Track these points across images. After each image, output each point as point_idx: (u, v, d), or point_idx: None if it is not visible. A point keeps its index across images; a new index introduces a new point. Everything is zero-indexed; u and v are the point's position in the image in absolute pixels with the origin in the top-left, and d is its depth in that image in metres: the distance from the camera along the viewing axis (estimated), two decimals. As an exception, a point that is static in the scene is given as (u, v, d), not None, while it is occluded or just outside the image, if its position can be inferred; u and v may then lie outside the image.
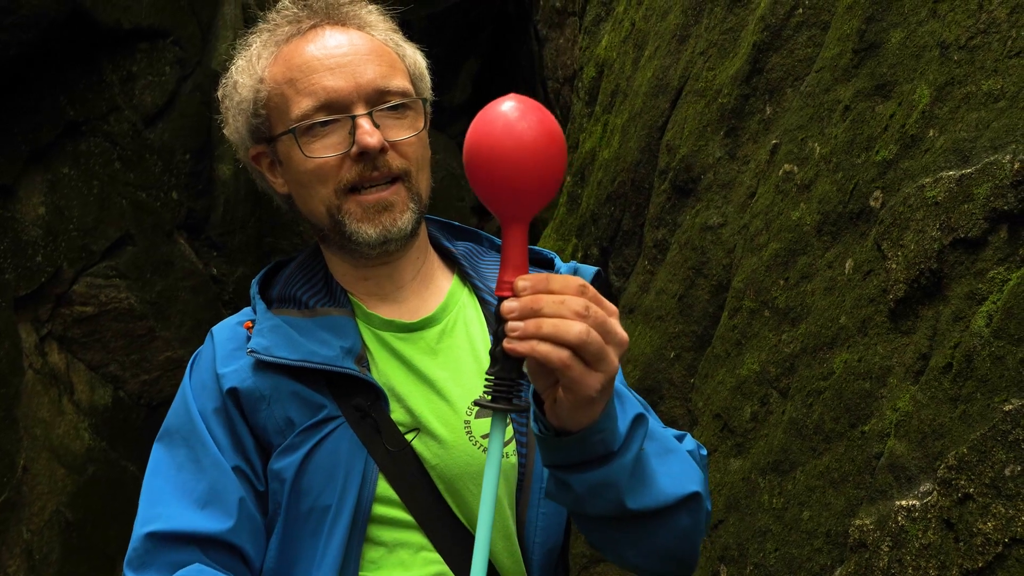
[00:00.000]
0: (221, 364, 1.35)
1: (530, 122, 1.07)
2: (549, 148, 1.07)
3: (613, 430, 1.11)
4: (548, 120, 1.09)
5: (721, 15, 2.76)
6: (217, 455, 1.30)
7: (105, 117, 4.79)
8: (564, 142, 1.11)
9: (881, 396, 1.80)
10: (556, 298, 0.99)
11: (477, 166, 1.08)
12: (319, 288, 1.43)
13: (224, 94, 1.44)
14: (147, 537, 1.25)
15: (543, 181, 1.07)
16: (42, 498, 4.49)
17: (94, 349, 4.79)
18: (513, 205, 1.08)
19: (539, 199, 1.08)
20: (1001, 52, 1.60)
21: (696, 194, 2.79)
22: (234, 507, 1.27)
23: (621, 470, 1.13)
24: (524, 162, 1.05)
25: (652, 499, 1.19)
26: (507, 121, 1.07)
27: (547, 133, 1.07)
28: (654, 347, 2.89)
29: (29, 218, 4.58)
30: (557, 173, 1.08)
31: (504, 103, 1.10)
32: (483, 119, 1.10)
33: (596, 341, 0.99)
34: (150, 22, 4.84)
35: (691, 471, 1.28)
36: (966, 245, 1.62)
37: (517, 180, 1.06)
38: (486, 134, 1.08)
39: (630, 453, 1.14)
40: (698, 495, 1.26)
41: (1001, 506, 1.44)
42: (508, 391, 1.02)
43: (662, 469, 1.23)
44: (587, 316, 0.99)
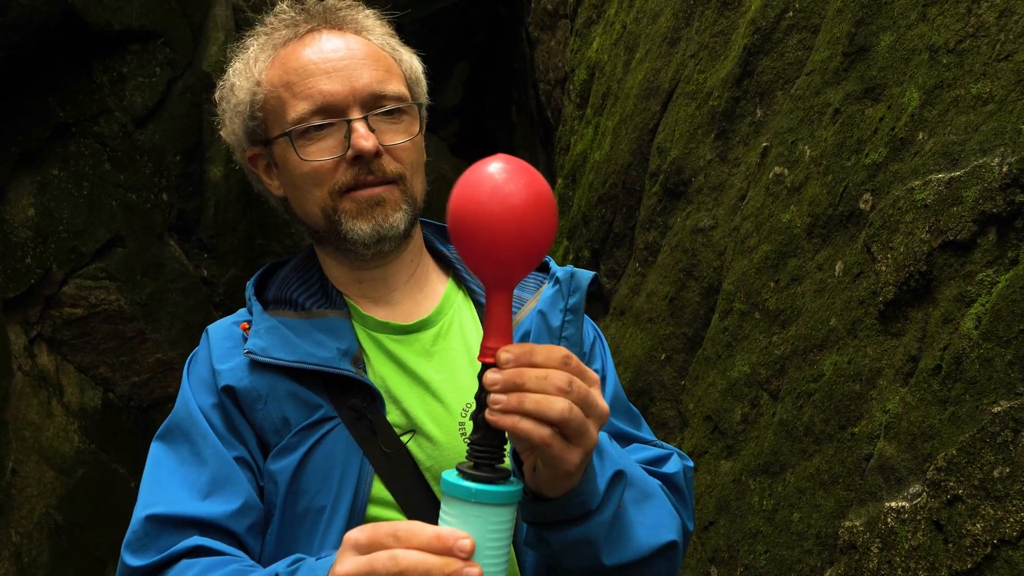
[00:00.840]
0: (218, 361, 1.36)
1: (518, 186, 1.02)
2: (538, 214, 1.02)
3: (592, 491, 1.12)
4: (537, 183, 1.04)
5: (712, 18, 2.77)
6: (218, 446, 1.31)
7: (95, 118, 4.78)
8: (554, 206, 1.05)
9: (871, 398, 1.80)
10: (540, 373, 0.97)
11: (461, 231, 1.02)
12: (315, 290, 1.44)
13: (221, 96, 1.45)
14: (147, 520, 1.26)
15: (531, 249, 1.03)
16: (31, 500, 4.47)
17: (84, 351, 4.77)
18: (498, 272, 1.04)
19: (526, 267, 1.04)
20: (990, 55, 1.61)
21: (687, 196, 2.79)
22: (236, 495, 1.28)
23: (599, 528, 1.14)
24: (511, 229, 1.00)
25: (629, 553, 1.20)
26: (494, 184, 1.02)
27: (536, 198, 1.02)
28: (645, 349, 2.89)
29: (18, 220, 4.56)
30: (546, 240, 1.04)
31: (491, 164, 1.04)
32: (468, 181, 1.04)
33: (578, 417, 0.98)
34: (141, 23, 4.83)
35: (668, 518, 1.29)
36: (955, 248, 1.62)
37: (503, 248, 1.01)
38: (471, 197, 1.02)
39: (608, 511, 1.15)
40: (675, 544, 1.27)
41: (990, 507, 1.45)
42: (491, 457, 1.01)
43: (639, 519, 1.23)
44: (570, 392, 0.97)
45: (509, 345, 1.00)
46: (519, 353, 0.99)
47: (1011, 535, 1.41)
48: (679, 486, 1.38)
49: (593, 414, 1.00)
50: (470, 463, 1.01)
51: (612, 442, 1.29)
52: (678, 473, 1.39)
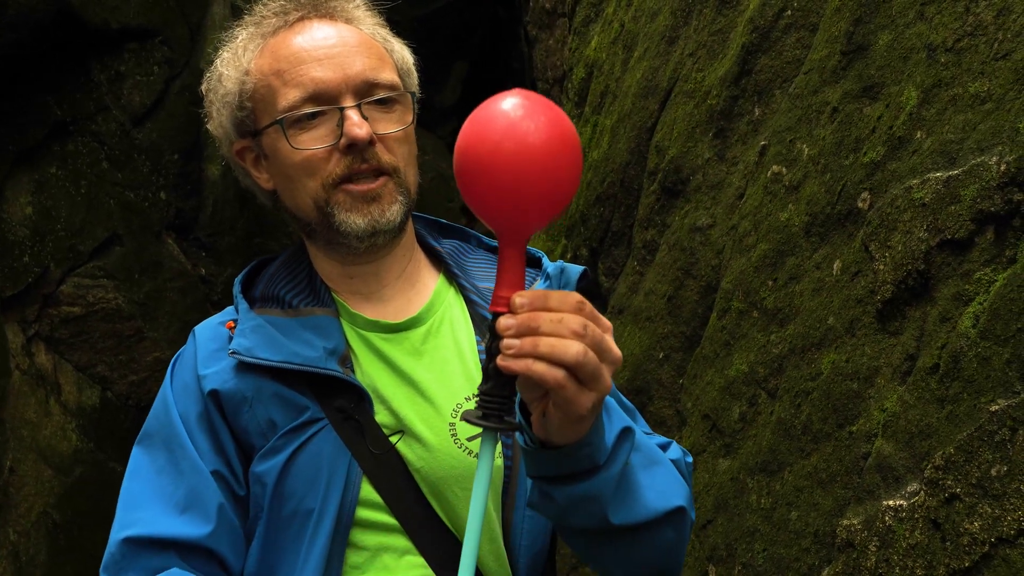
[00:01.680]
0: (202, 365, 1.34)
1: (537, 123, 0.92)
2: (561, 153, 0.93)
3: (600, 444, 1.10)
4: (559, 119, 0.94)
5: (710, 17, 2.77)
6: (196, 459, 1.27)
7: (93, 117, 4.77)
8: (579, 145, 0.96)
9: (869, 397, 1.80)
10: (554, 316, 0.95)
11: (471, 174, 0.94)
12: (303, 287, 1.41)
13: (208, 87, 1.42)
14: (124, 542, 1.23)
15: (553, 193, 0.94)
16: (29, 500, 4.47)
17: (82, 350, 4.77)
18: (515, 221, 0.96)
19: (548, 214, 0.96)
20: (988, 54, 1.61)
21: (685, 195, 2.79)
22: (213, 512, 1.25)
23: (606, 484, 1.12)
24: (530, 170, 0.91)
25: (637, 514, 1.18)
26: (509, 121, 0.92)
27: (559, 135, 0.93)
28: (643, 348, 2.89)
29: (16, 218, 4.55)
30: (570, 182, 0.95)
31: (506, 99, 0.94)
32: (480, 118, 0.95)
33: (592, 361, 0.96)
34: (139, 22, 4.82)
35: (676, 484, 1.27)
36: (953, 246, 1.62)
37: (522, 192, 0.92)
38: (483, 136, 0.93)
39: (616, 467, 1.13)
40: (683, 509, 1.25)
41: (987, 506, 1.45)
42: (500, 408, 0.99)
43: (647, 482, 1.21)
44: (584, 335, 0.95)
45: (523, 291, 0.97)
46: (533, 297, 0.96)
47: (1009, 533, 1.41)
48: (682, 471, 1.36)
49: (607, 359, 0.99)
50: (478, 413, 0.99)
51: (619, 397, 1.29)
52: (679, 460, 1.37)
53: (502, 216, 0.96)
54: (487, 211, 0.97)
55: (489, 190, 0.94)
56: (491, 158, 0.92)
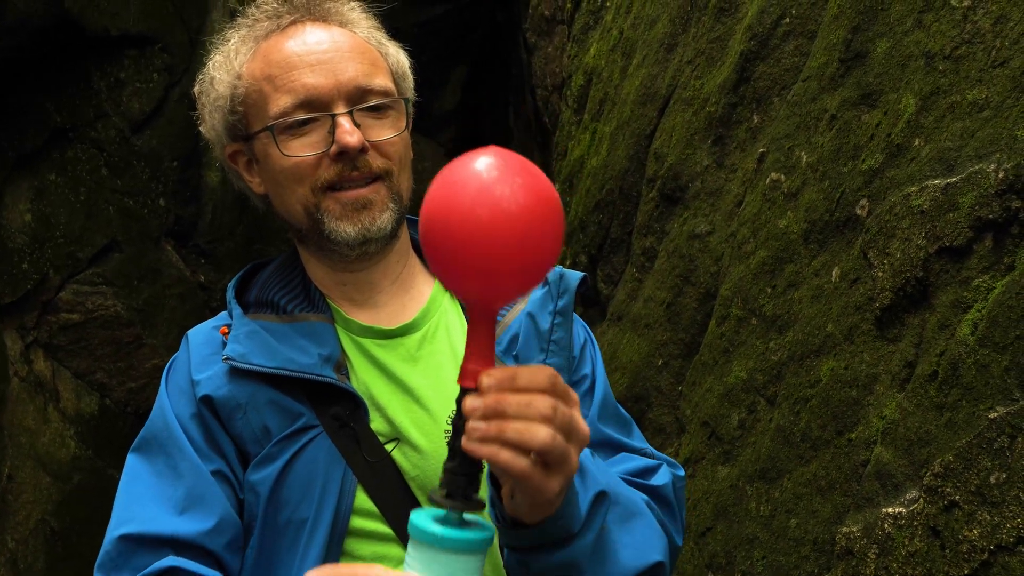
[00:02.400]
0: (196, 370, 1.31)
1: (513, 186, 0.82)
2: (541, 222, 0.84)
3: (573, 514, 1.07)
4: (538, 183, 0.85)
5: (708, 24, 2.77)
6: (195, 460, 1.26)
7: (92, 124, 4.78)
8: (560, 211, 0.87)
9: (868, 404, 1.80)
10: (522, 399, 0.89)
11: (438, 243, 0.84)
12: (297, 292, 1.39)
13: (201, 90, 1.40)
14: (120, 539, 1.22)
15: (530, 266, 0.86)
16: (27, 507, 4.46)
17: (80, 357, 4.76)
18: (485, 293, 0.88)
19: (523, 288, 0.89)
20: (986, 62, 1.62)
21: (684, 202, 2.79)
22: (212, 511, 1.24)
23: (581, 552, 1.09)
24: (506, 241, 0.82)
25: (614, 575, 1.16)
26: (482, 184, 0.83)
27: (538, 201, 0.84)
28: (642, 355, 2.89)
29: (15, 225, 4.56)
30: (550, 255, 0.87)
31: (478, 159, 0.84)
32: (449, 180, 0.84)
33: (560, 446, 0.91)
34: (138, 29, 4.83)
35: (654, 537, 1.25)
36: (951, 254, 1.63)
37: (496, 265, 0.84)
38: (452, 201, 0.83)
39: (591, 534, 1.11)
40: (661, 564, 1.23)
41: (987, 513, 1.45)
42: (466, 486, 0.93)
43: (624, 540, 1.19)
44: (553, 418, 0.90)
45: (491, 369, 0.91)
46: (501, 377, 0.90)
47: (1008, 541, 1.40)
48: (667, 499, 1.33)
49: (575, 439, 0.95)
50: (443, 492, 0.94)
51: (595, 459, 1.24)
52: (667, 485, 1.34)
53: (474, 289, 0.89)
54: (456, 283, 0.90)
55: (459, 261, 0.85)
56: (458, 229, 0.83)
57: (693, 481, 2.46)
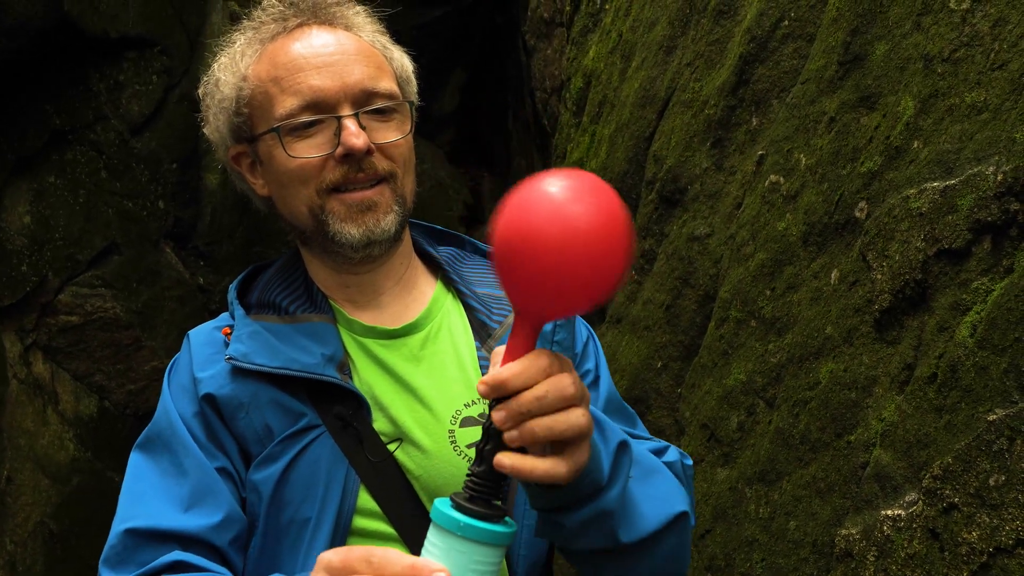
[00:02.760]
0: (198, 369, 1.32)
1: (586, 206, 0.89)
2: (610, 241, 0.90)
3: (598, 468, 1.09)
4: (611, 202, 0.91)
5: (707, 27, 2.78)
6: (200, 457, 1.26)
7: (92, 126, 4.78)
8: (630, 231, 0.93)
9: (867, 406, 1.80)
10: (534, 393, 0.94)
11: (511, 260, 0.90)
12: (299, 293, 1.39)
13: (205, 92, 1.41)
14: (125, 534, 1.22)
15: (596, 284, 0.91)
16: (26, 509, 4.46)
17: (79, 359, 4.76)
18: (549, 308, 0.94)
19: (589, 304, 0.94)
20: (984, 65, 1.62)
21: (683, 204, 2.79)
22: (218, 508, 1.24)
23: (612, 501, 1.11)
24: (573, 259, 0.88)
25: (643, 528, 1.17)
26: (554, 204, 0.89)
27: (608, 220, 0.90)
28: (641, 357, 2.89)
29: (14, 227, 4.56)
30: (616, 274, 0.92)
31: (551, 181, 0.91)
32: (522, 200, 0.91)
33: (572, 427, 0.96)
34: (138, 31, 4.83)
35: (675, 490, 1.27)
36: (950, 256, 1.63)
37: (563, 282, 0.89)
38: (524, 220, 0.89)
39: (619, 483, 1.13)
40: (685, 514, 1.25)
41: (986, 516, 1.45)
42: (489, 492, 0.97)
43: (647, 493, 1.21)
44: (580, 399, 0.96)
45: (485, 376, 0.96)
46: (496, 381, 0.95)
47: (1007, 543, 1.41)
48: (678, 475, 1.35)
49: (586, 402, 0.99)
50: (465, 495, 0.96)
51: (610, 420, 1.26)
52: (676, 463, 1.36)
53: (537, 302, 0.94)
54: (523, 297, 0.95)
55: (528, 276, 0.91)
56: (529, 246, 0.89)
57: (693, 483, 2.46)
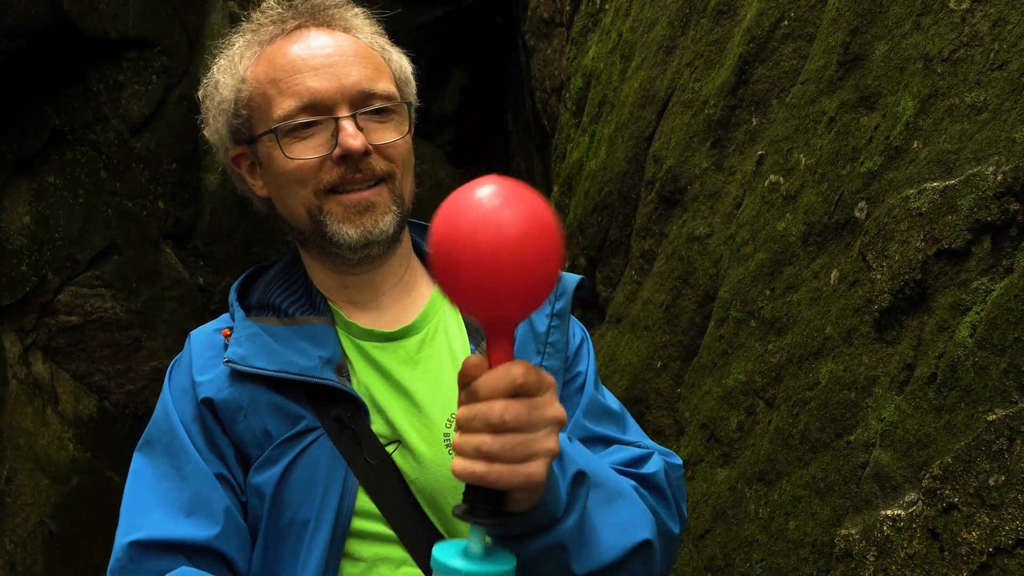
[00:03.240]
0: (198, 372, 1.32)
1: (514, 212, 0.90)
2: (538, 245, 0.91)
3: (554, 499, 1.09)
4: (536, 208, 0.92)
5: (707, 27, 2.78)
6: (200, 463, 1.27)
7: (91, 126, 4.78)
8: (558, 235, 0.94)
9: (866, 406, 1.80)
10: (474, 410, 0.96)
11: (445, 266, 0.92)
12: (299, 295, 1.40)
13: (205, 94, 1.41)
14: (130, 546, 1.22)
15: (530, 286, 0.93)
16: (26, 509, 4.46)
17: (79, 359, 4.76)
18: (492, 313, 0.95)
19: (526, 307, 0.96)
20: (984, 65, 1.62)
21: (683, 204, 2.79)
22: (219, 514, 1.24)
23: (566, 534, 1.12)
24: (505, 264, 0.89)
25: (600, 558, 1.17)
26: (483, 211, 0.90)
27: (535, 226, 0.91)
28: (641, 357, 2.89)
29: (14, 227, 4.55)
30: (547, 276, 0.93)
31: (479, 187, 0.92)
32: (453, 207, 0.92)
33: (502, 447, 0.95)
34: (137, 31, 4.83)
35: (639, 517, 1.26)
36: (950, 256, 1.63)
37: (498, 287, 0.91)
38: (455, 227, 0.91)
39: (574, 515, 1.13)
40: (648, 543, 1.24)
41: (985, 516, 1.45)
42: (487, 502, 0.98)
43: (609, 520, 1.20)
44: (501, 424, 0.95)
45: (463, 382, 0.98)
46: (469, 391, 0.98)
47: (1007, 543, 1.41)
48: (659, 485, 1.34)
49: (541, 427, 0.98)
50: (465, 507, 0.98)
51: (573, 443, 1.26)
52: (658, 472, 1.34)
53: (479, 309, 0.96)
54: (465, 305, 0.97)
55: (465, 284, 0.92)
56: (461, 252, 0.90)
57: (692, 483, 2.46)
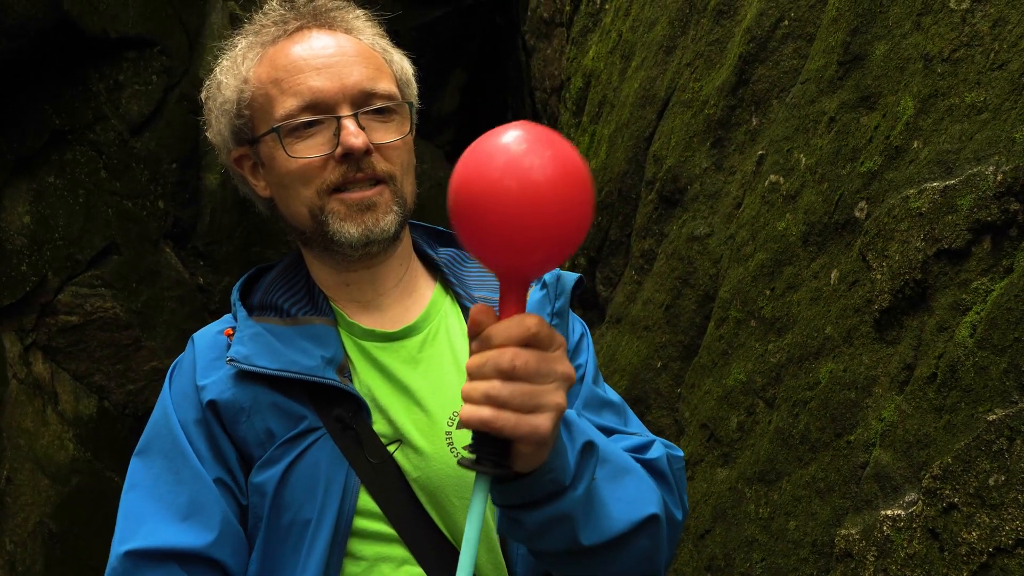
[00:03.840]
0: (201, 375, 1.33)
1: (542, 158, 0.84)
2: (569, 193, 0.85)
3: (563, 465, 1.09)
4: (566, 154, 0.86)
5: (707, 27, 2.78)
6: (198, 467, 1.27)
7: (91, 126, 4.77)
8: (590, 183, 0.87)
9: (866, 406, 1.80)
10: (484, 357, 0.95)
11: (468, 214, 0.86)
12: (301, 296, 1.41)
13: (208, 95, 1.42)
14: (126, 556, 1.23)
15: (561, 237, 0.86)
16: (25, 509, 4.45)
17: (79, 359, 4.76)
18: (517, 266, 0.89)
19: (553, 259, 0.90)
20: (984, 64, 1.62)
21: (683, 204, 2.79)
22: (215, 521, 1.25)
23: (573, 504, 1.11)
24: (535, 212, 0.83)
25: (607, 530, 1.17)
26: (510, 156, 0.84)
27: (566, 172, 0.85)
28: (641, 357, 2.89)
29: (14, 227, 4.55)
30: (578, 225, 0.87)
31: (506, 132, 0.86)
32: (477, 153, 0.86)
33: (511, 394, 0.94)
34: (137, 31, 4.83)
35: (647, 491, 1.25)
36: (950, 256, 1.63)
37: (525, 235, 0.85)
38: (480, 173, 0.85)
39: (581, 485, 1.12)
40: (655, 517, 1.23)
41: (985, 516, 1.45)
42: (493, 452, 0.97)
43: (616, 495, 1.20)
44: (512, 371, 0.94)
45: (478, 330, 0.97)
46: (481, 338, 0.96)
47: (1007, 543, 1.41)
48: (662, 471, 1.33)
49: (550, 379, 0.97)
50: (472, 457, 0.98)
51: (581, 419, 1.25)
52: (660, 459, 1.34)
53: (505, 260, 0.90)
54: (488, 254, 0.91)
55: (489, 232, 0.87)
56: (486, 199, 0.84)
57: (692, 483, 2.46)
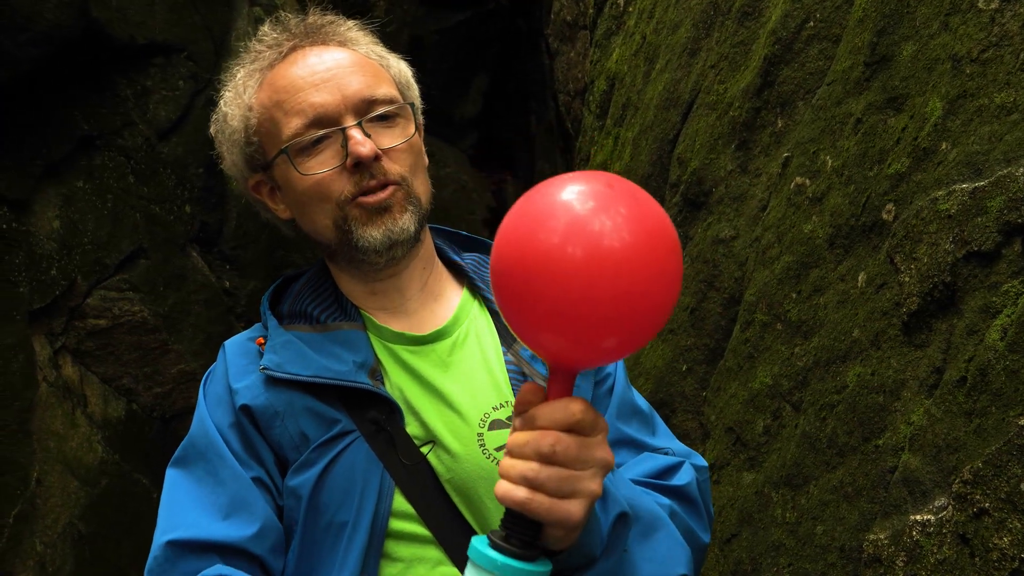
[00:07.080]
0: (234, 379, 1.35)
1: (616, 221, 0.62)
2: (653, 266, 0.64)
3: (595, 540, 1.10)
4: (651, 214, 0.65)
5: (732, 28, 2.77)
6: (236, 467, 1.29)
7: (119, 131, 4.82)
8: (678, 250, 0.66)
9: (895, 410, 1.79)
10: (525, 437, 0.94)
11: (513, 286, 0.65)
12: (330, 303, 1.43)
13: (216, 129, 1.46)
14: (167, 545, 1.25)
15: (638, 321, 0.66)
16: (55, 511, 4.50)
17: (107, 362, 4.81)
18: (575, 352, 0.70)
19: (624, 346, 0.71)
20: (1013, 65, 1.60)
21: (708, 207, 2.78)
22: (256, 517, 1.27)
23: (602, 572, 1.12)
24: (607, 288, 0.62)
25: None
26: (574, 217, 0.62)
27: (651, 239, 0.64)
28: (666, 360, 2.88)
29: (44, 232, 4.61)
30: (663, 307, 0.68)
31: (568, 185, 0.64)
32: (531, 210, 0.64)
33: (547, 479, 0.94)
34: (164, 37, 4.88)
35: (677, 548, 1.26)
36: (980, 258, 1.61)
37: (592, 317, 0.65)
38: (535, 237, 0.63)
39: (613, 556, 1.13)
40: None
41: (1017, 521, 1.43)
42: (523, 532, 0.97)
43: (646, 555, 1.21)
44: (552, 455, 0.93)
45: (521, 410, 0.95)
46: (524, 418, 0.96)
47: (1039, 549, 1.39)
48: (692, 497, 1.35)
49: (589, 466, 0.97)
50: (502, 533, 0.98)
51: (615, 474, 1.25)
52: (691, 483, 1.36)
53: (562, 348, 0.70)
54: (539, 338, 0.72)
55: (544, 312, 0.67)
56: (549, 268, 0.64)
57: (718, 487, 2.45)
